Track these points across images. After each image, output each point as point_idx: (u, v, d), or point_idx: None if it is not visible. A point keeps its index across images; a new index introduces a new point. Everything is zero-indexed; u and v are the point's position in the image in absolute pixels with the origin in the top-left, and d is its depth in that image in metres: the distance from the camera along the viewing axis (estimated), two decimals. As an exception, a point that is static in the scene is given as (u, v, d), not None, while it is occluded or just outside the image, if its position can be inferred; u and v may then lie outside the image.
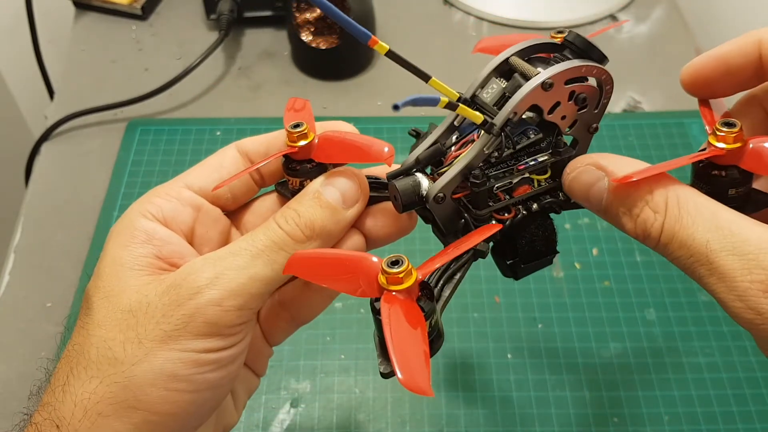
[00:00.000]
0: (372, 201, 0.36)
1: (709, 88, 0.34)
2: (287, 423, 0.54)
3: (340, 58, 0.78)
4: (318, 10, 0.77)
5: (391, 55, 0.29)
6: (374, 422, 0.54)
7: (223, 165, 0.37)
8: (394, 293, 0.29)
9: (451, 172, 0.33)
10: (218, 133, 0.74)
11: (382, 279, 0.29)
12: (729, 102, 0.36)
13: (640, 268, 0.62)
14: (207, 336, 0.31)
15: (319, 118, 0.37)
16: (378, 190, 0.36)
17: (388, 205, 0.36)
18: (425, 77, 0.30)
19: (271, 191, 0.39)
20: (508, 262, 0.36)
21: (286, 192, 0.37)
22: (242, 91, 0.79)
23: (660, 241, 0.29)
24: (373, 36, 0.29)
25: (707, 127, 0.33)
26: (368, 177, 0.36)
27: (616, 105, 0.76)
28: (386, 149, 0.33)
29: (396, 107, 0.28)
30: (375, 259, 0.30)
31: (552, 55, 0.34)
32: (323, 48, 0.77)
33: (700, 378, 0.56)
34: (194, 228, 0.36)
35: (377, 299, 0.30)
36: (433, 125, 0.36)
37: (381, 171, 0.37)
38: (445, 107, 0.30)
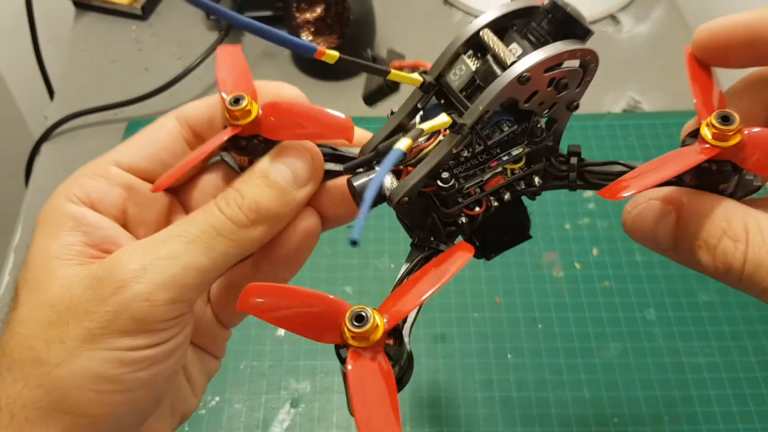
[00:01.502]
0: (328, 176, 0.33)
1: (724, 55, 0.31)
2: (287, 423, 0.54)
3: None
4: (318, 10, 0.77)
5: (342, 60, 0.27)
6: (374, 422, 0.54)
7: (159, 137, 0.33)
8: (359, 350, 0.27)
9: (416, 174, 0.29)
10: (218, 133, 0.74)
11: (346, 334, 0.27)
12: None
13: (640, 268, 0.62)
14: (134, 333, 0.28)
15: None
16: (335, 161, 0.32)
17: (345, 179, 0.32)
18: (384, 73, 0.28)
19: (219, 161, 0.35)
20: (477, 244, 0.34)
21: (234, 164, 0.33)
22: (242, 91, 0.79)
23: (744, 271, 0.26)
24: (318, 48, 0.27)
25: (698, 111, 0.29)
26: (322, 147, 0.32)
27: (616, 105, 0.76)
28: (343, 116, 0.30)
29: (353, 243, 0.23)
30: (337, 300, 0.28)
31: (528, 22, 0.30)
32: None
33: (700, 378, 0.56)
34: (126, 209, 0.33)
35: (342, 346, 0.27)
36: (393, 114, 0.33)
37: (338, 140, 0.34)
38: (406, 141, 0.26)
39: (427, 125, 0.27)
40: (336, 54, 0.27)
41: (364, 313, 0.26)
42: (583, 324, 0.59)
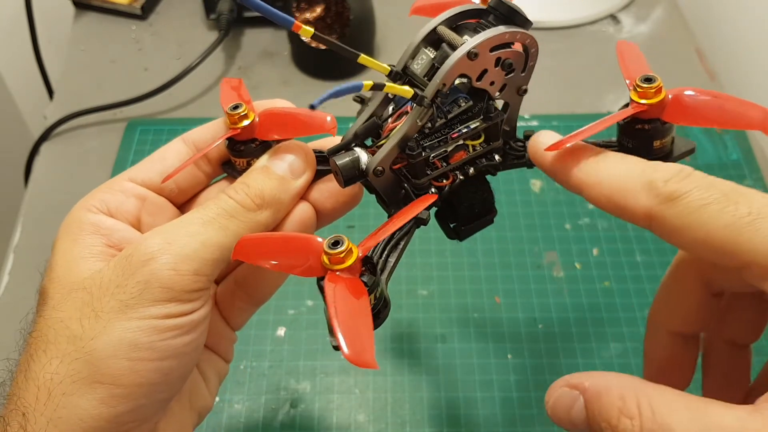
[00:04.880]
0: (319, 174, 0.37)
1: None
2: (287, 423, 0.54)
3: (340, 58, 0.77)
4: (318, 10, 0.77)
5: (316, 37, 0.31)
6: (374, 423, 0.54)
7: (166, 156, 0.37)
8: (337, 273, 0.30)
9: (387, 146, 0.34)
10: (218, 133, 0.74)
11: (325, 260, 0.30)
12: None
13: (641, 269, 0.62)
14: (164, 301, 0.31)
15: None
16: (323, 163, 0.37)
17: (333, 177, 0.36)
18: (354, 55, 0.31)
19: (220, 179, 0.39)
20: (451, 226, 0.38)
21: (234, 172, 0.37)
22: (242, 91, 0.79)
23: None
24: (296, 22, 0.30)
25: (628, 82, 0.34)
26: (313, 151, 0.37)
27: (616, 105, 0.76)
28: (328, 119, 0.34)
29: (312, 107, 0.28)
30: (320, 239, 0.31)
31: (478, 20, 0.35)
32: (323, 48, 0.77)
33: (700, 378, 0.56)
34: (140, 217, 0.36)
35: (323, 278, 0.31)
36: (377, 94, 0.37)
37: (325, 144, 0.38)
38: (371, 89, 0.31)
39: (391, 86, 0.32)
40: (311, 30, 0.30)
41: (339, 239, 0.30)
42: (583, 324, 0.59)
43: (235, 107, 0.36)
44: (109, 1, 0.86)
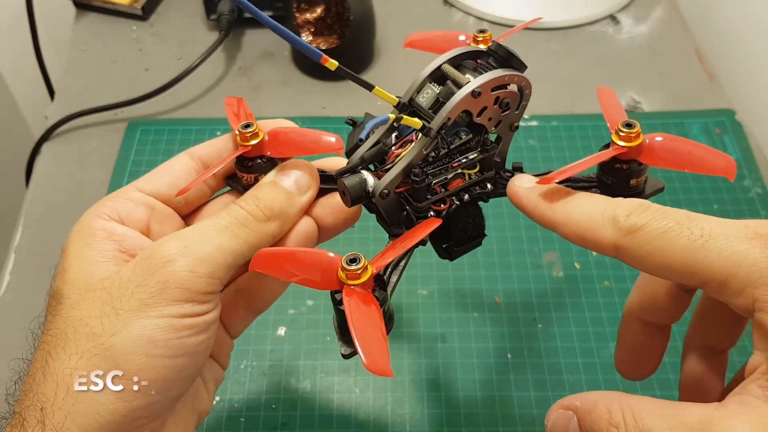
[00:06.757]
0: (322, 192, 0.39)
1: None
2: (287, 423, 0.54)
3: (340, 58, 0.77)
4: (318, 11, 0.78)
5: (340, 70, 0.33)
6: (374, 422, 0.54)
7: (174, 169, 0.39)
8: (352, 287, 0.33)
9: (394, 171, 0.36)
10: (218, 133, 0.74)
11: (342, 275, 0.33)
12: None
13: (640, 268, 0.62)
14: (182, 301, 0.32)
15: (316, 118, 0.38)
16: (326, 182, 0.39)
17: (335, 195, 0.39)
18: (369, 87, 0.34)
19: (223, 193, 0.41)
20: (444, 246, 0.41)
21: (239, 186, 0.40)
22: (242, 91, 0.79)
23: None
24: (324, 55, 0.32)
25: (609, 125, 0.38)
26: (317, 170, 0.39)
27: (616, 105, 0.76)
28: (334, 140, 0.38)
29: (361, 140, 0.33)
30: (332, 255, 0.34)
31: (479, 61, 0.38)
32: (323, 48, 0.77)
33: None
34: (149, 224, 0.38)
35: (337, 291, 0.33)
36: (368, 114, 0.39)
37: (327, 164, 0.40)
38: (394, 122, 0.34)
39: (407, 119, 0.35)
40: (335, 63, 0.33)
41: (356, 257, 0.33)
42: (582, 324, 0.59)
43: (247, 126, 0.38)
44: (109, 2, 0.86)
